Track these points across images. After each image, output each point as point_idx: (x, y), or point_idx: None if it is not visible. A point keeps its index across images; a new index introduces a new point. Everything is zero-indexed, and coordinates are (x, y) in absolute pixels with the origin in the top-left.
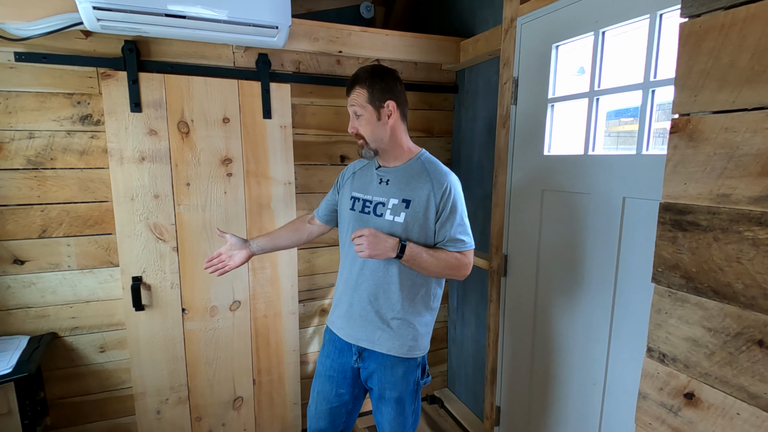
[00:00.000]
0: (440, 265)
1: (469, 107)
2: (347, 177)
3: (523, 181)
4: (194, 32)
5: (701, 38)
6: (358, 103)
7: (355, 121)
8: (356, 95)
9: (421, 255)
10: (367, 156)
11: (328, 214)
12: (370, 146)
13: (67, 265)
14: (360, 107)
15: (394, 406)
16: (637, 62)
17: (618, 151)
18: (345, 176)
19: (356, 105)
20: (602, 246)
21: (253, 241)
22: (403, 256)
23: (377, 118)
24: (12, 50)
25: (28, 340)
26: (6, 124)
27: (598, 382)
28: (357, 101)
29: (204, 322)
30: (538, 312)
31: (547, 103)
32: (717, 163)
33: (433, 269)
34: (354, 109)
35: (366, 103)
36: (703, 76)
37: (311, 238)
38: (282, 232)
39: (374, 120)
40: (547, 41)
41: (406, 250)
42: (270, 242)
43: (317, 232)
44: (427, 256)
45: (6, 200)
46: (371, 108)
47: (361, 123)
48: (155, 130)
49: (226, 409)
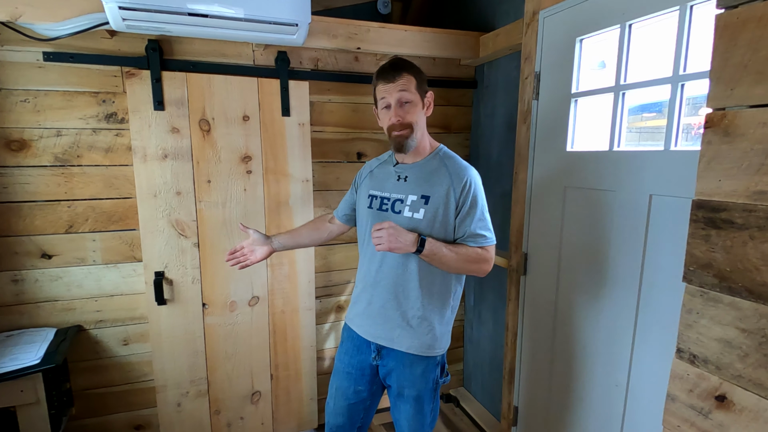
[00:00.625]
0: (461, 260)
1: (488, 103)
2: (364, 176)
3: (544, 178)
4: (216, 30)
5: (738, 30)
6: (408, 89)
7: (399, 109)
8: (406, 81)
9: (441, 250)
10: (408, 149)
11: (347, 213)
12: (414, 136)
13: (92, 259)
14: (411, 93)
15: (413, 404)
16: (665, 55)
17: (644, 147)
18: (362, 175)
19: (407, 91)
20: (627, 244)
21: (274, 238)
22: (423, 250)
23: (422, 107)
24: (41, 50)
25: (55, 332)
26: (35, 122)
27: (621, 383)
28: (408, 87)
29: (223, 316)
30: (559, 311)
31: (571, 98)
32: (754, 159)
33: (454, 264)
34: (402, 95)
35: (415, 90)
36: (740, 69)
37: (331, 237)
38: (303, 231)
39: (420, 109)
40: (571, 35)
41: (426, 245)
42: (291, 240)
43: (337, 232)
44: (447, 251)
45: (35, 196)
46: (418, 96)
47: (408, 110)
48: (177, 128)
49: (245, 403)
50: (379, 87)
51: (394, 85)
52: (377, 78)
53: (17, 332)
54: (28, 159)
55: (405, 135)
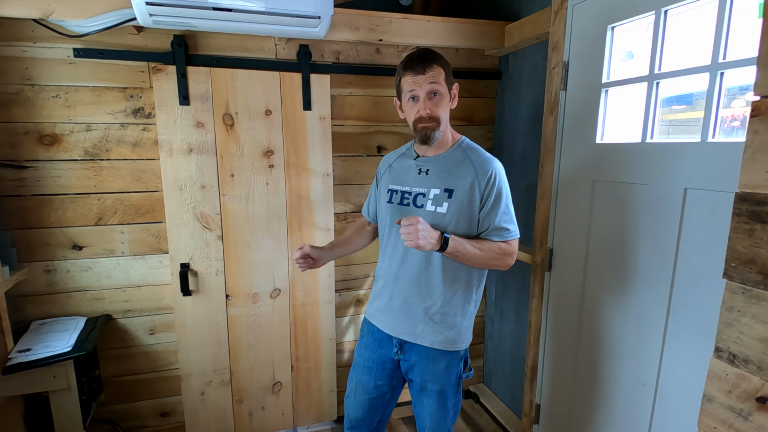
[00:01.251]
0: (485, 255)
1: (513, 94)
2: (383, 171)
3: (572, 171)
4: (239, 25)
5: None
6: (439, 81)
7: (429, 101)
8: (436, 73)
9: (464, 246)
10: (434, 141)
11: (374, 212)
12: (440, 129)
13: (120, 251)
14: (440, 86)
15: (436, 399)
16: (702, 43)
17: (678, 139)
18: (381, 170)
19: (437, 83)
20: (659, 240)
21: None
22: (447, 248)
23: (449, 100)
24: (71, 46)
25: (85, 321)
26: (66, 117)
27: (649, 383)
28: (438, 79)
29: (246, 308)
30: (585, 308)
31: (601, 88)
32: None
33: (478, 261)
34: (435, 87)
35: (444, 82)
36: None
37: (373, 239)
38: (347, 237)
39: (447, 101)
40: (602, 22)
41: (450, 242)
42: (341, 249)
43: (374, 234)
44: (471, 247)
45: (66, 189)
46: (446, 89)
47: (438, 103)
48: (202, 123)
49: (266, 393)
50: (406, 78)
51: (424, 77)
52: (405, 69)
53: (50, 320)
54: (60, 153)
55: (432, 127)
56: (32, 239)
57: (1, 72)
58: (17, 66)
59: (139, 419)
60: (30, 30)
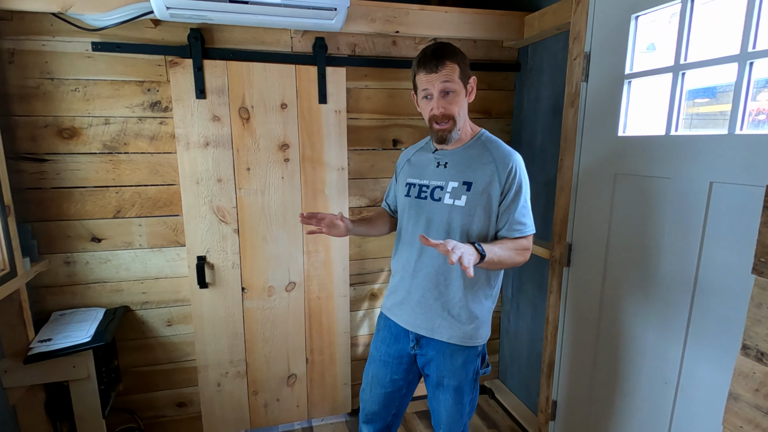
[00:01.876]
0: (512, 255)
1: (532, 86)
2: (402, 165)
3: (592, 165)
4: (255, 17)
5: None
6: (453, 79)
7: (442, 99)
8: (449, 70)
9: (494, 251)
10: (451, 141)
11: (395, 204)
12: (457, 127)
13: (138, 243)
14: (454, 83)
15: (453, 394)
16: (730, 32)
17: (703, 131)
18: (400, 165)
19: (451, 81)
20: (683, 235)
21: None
22: (486, 258)
23: (465, 95)
24: (89, 40)
25: (104, 312)
26: (84, 110)
27: (670, 381)
28: (452, 76)
29: (262, 301)
30: (605, 304)
31: (624, 80)
32: None
33: (508, 262)
34: (448, 86)
35: (458, 79)
36: None
37: (392, 230)
38: (377, 220)
39: (464, 98)
40: (626, 12)
41: (486, 252)
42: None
43: (393, 225)
44: (500, 250)
45: (85, 182)
46: (462, 85)
47: (451, 101)
48: (218, 116)
49: (281, 385)
50: (420, 77)
51: (437, 76)
52: (418, 66)
53: (70, 311)
54: (79, 146)
55: (448, 128)
56: (52, 231)
57: (22, 66)
58: (37, 60)
59: (156, 409)
60: (49, 24)
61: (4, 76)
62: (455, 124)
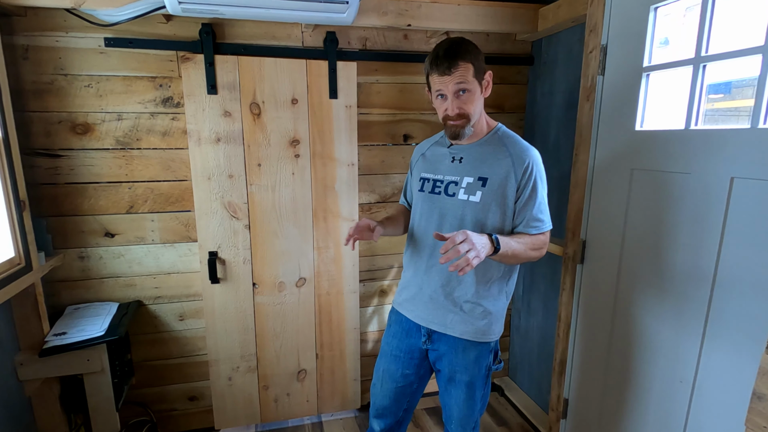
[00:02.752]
0: (527, 250)
1: (546, 80)
2: (417, 159)
3: (608, 160)
4: (267, 11)
5: None
6: (467, 78)
7: (457, 99)
8: (464, 70)
9: (511, 245)
10: (464, 137)
11: (411, 199)
12: (471, 124)
13: (151, 239)
14: (469, 83)
15: (464, 390)
16: (753, 24)
17: (727, 125)
18: (415, 159)
19: (465, 81)
20: (701, 231)
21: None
22: (500, 250)
23: (480, 93)
24: (102, 36)
25: (117, 306)
26: (97, 106)
27: (686, 380)
28: (466, 77)
29: (272, 296)
30: (619, 302)
31: (642, 73)
32: None
33: (523, 256)
34: (461, 86)
35: (473, 78)
36: None
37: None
38: (401, 218)
39: (479, 96)
40: (644, 3)
41: (501, 244)
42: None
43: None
44: (516, 244)
45: (99, 178)
46: (476, 82)
47: (466, 100)
48: (229, 112)
49: (291, 380)
50: (433, 77)
51: (450, 78)
52: (431, 67)
53: (84, 306)
54: (92, 142)
55: (461, 125)
56: (66, 226)
57: (36, 62)
58: (51, 56)
59: (168, 402)
60: (62, 20)
61: (18, 72)
62: (469, 121)
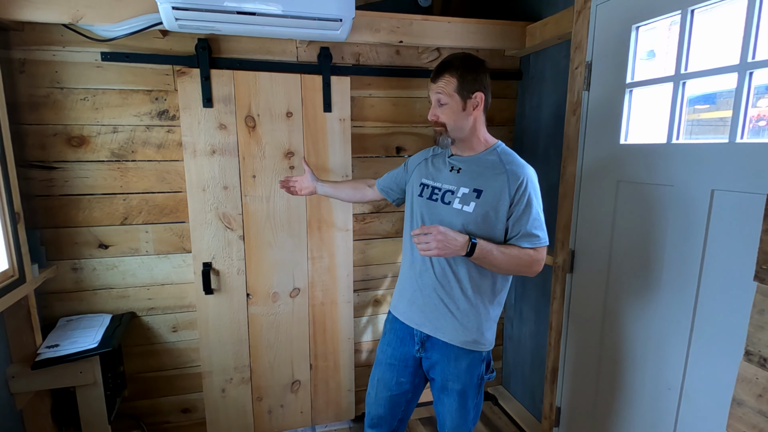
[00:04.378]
0: (512, 262)
1: (534, 94)
2: (418, 161)
3: (594, 172)
4: (262, 28)
5: None
6: (445, 91)
7: (437, 108)
8: (444, 83)
9: (491, 252)
10: (443, 144)
11: (387, 186)
12: (449, 134)
13: (145, 250)
14: (447, 96)
15: (457, 399)
16: (729, 43)
17: (703, 140)
18: (416, 161)
19: (443, 93)
20: (685, 242)
21: (320, 183)
22: (474, 254)
23: (462, 108)
24: (99, 50)
25: (110, 318)
26: (93, 119)
27: (673, 387)
28: (444, 90)
29: (266, 306)
30: (608, 311)
31: (625, 89)
32: None
33: (504, 267)
34: (438, 97)
35: (453, 92)
36: None
37: (364, 199)
38: (344, 186)
39: (459, 110)
40: (626, 22)
41: (477, 248)
42: (333, 190)
43: (371, 197)
44: (498, 253)
45: (93, 189)
46: (458, 98)
47: (443, 111)
48: (225, 125)
49: (285, 392)
50: (429, 83)
51: (435, 86)
52: (431, 74)
53: (77, 317)
54: (87, 154)
55: (439, 131)
56: (60, 238)
57: (32, 75)
58: (47, 69)
59: (161, 415)
60: (60, 34)
61: (14, 86)
62: (446, 130)
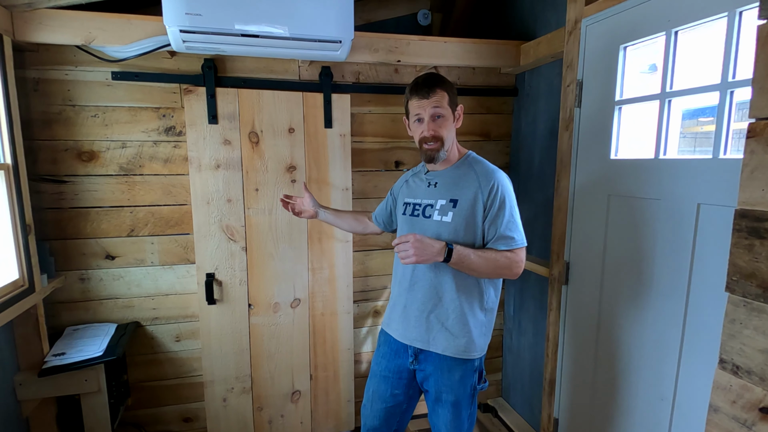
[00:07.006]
0: (490, 265)
1: (529, 110)
2: (401, 186)
3: (587, 186)
4: (265, 49)
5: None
6: (442, 105)
7: (433, 123)
8: (440, 97)
9: (469, 257)
10: (438, 160)
11: (382, 219)
12: (445, 149)
13: (150, 261)
14: (443, 109)
15: (451, 410)
16: (712, 62)
17: (692, 155)
18: (399, 186)
19: (441, 107)
20: (674, 254)
21: (321, 210)
22: (451, 259)
23: (453, 121)
24: (110, 70)
25: (115, 327)
26: (103, 135)
27: (666, 397)
28: (441, 103)
29: (267, 317)
30: (602, 322)
31: (614, 106)
32: None
33: (483, 270)
34: (438, 111)
35: (447, 105)
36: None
37: (366, 232)
38: (347, 216)
39: (451, 122)
40: (614, 42)
41: (453, 253)
42: (334, 219)
43: (371, 230)
44: (476, 257)
45: (101, 202)
46: (450, 111)
47: (441, 125)
48: (229, 140)
49: (285, 402)
50: (412, 102)
51: (428, 101)
52: (411, 93)
53: (83, 326)
54: (97, 168)
55: (436, 148)
56: (69, 249)
57: (46, 93)
58: (60, 88)
59: (163, 423)
60: (72, 55)
61: (28, 103)
62: (443, 146)
